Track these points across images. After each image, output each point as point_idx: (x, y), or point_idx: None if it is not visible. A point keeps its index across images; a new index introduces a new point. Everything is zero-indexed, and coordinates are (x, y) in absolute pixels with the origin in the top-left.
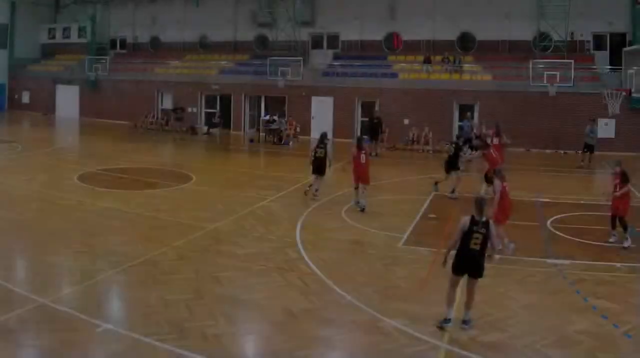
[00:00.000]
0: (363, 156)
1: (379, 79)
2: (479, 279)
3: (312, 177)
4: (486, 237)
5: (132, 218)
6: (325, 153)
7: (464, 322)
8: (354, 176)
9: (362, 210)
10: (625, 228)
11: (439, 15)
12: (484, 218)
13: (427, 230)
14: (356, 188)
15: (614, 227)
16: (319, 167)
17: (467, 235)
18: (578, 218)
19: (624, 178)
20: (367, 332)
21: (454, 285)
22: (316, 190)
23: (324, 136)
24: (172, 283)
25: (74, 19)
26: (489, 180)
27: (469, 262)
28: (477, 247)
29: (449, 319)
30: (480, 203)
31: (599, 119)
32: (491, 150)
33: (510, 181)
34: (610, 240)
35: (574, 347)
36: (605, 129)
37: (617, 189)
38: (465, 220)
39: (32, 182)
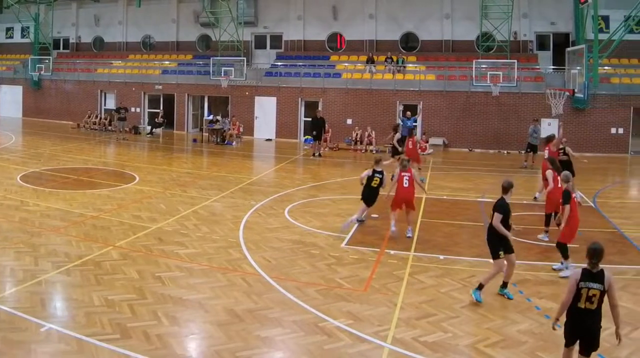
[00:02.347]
0: (410, 142)
1: (322, 78)
2: None
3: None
4: (381, 180)
5: (75, 218)
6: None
7: (359, 221)
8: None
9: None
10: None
11: (381, 15)
12: (379, 169)
13: (370, 230)
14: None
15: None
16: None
17: (370, 179)
18: (521, 219)
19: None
20: (311, 331)
21: (362, 210)
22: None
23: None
24: (115, 283)
25: (17, 19)
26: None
27: (371, 195)
28: (376, 185)
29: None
30: (377, 159)
31: (542, 119)
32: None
33: (453, 181)
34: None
35: (517, 347)
36: (549, 128)
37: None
38: (368, 171)
39: None
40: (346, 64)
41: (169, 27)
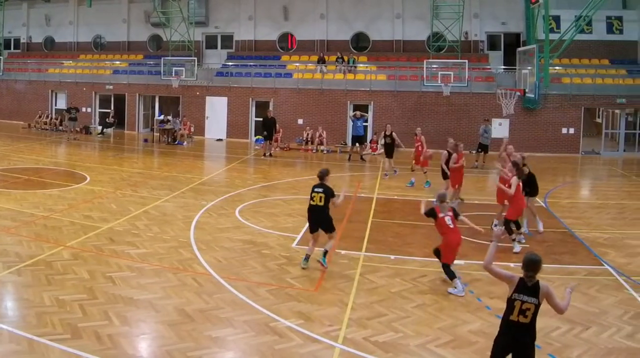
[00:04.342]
0: (419, 146)
1: (273, 78)
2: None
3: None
4: (325, 194)
5: (25, 218)
6: (392, 140)
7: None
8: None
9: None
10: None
11: (332, 15)
12: (323, 183)
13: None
14: (412, 170)
15: None
16: (386, 152)
17: (310, 195)
18: (472, 219)
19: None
20: (261, 331)
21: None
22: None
23: (386, 130)
24: (66, 283)
25: None
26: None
27: (312, 215)
28: (321, 203)
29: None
30: (322, 173)
31: (493, 119)
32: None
33: (404, 181)
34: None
35: (467, 347)
36: (500, 128)
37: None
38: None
39: None
40: (297, 64)
41: (119, 27)
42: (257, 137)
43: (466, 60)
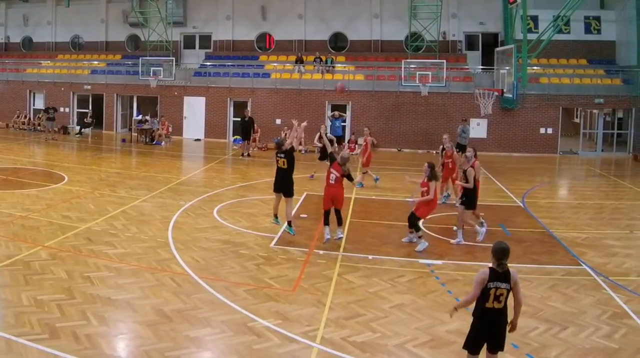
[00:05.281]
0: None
1: (251, 78)
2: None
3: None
4: (287, 158)
5: (3, 218)
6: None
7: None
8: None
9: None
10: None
11: (310, 15)
12: (282, 149)
13: (299, 230)
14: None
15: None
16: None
17: (275, 159)
18: (450, 218)
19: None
20: (240, 331)
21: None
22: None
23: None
24: (44, 283)
25: None
26: None
27: (278, 175)
28: (284, 166)
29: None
30: (279, 142)
31: (471, 119)
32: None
33: (382, 181)
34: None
35: (445, 347)
36: (478, 129)
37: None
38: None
39: None
40: (275, 64)
41: (97, 27)
42: (235, 137)
43: (444, 60)
